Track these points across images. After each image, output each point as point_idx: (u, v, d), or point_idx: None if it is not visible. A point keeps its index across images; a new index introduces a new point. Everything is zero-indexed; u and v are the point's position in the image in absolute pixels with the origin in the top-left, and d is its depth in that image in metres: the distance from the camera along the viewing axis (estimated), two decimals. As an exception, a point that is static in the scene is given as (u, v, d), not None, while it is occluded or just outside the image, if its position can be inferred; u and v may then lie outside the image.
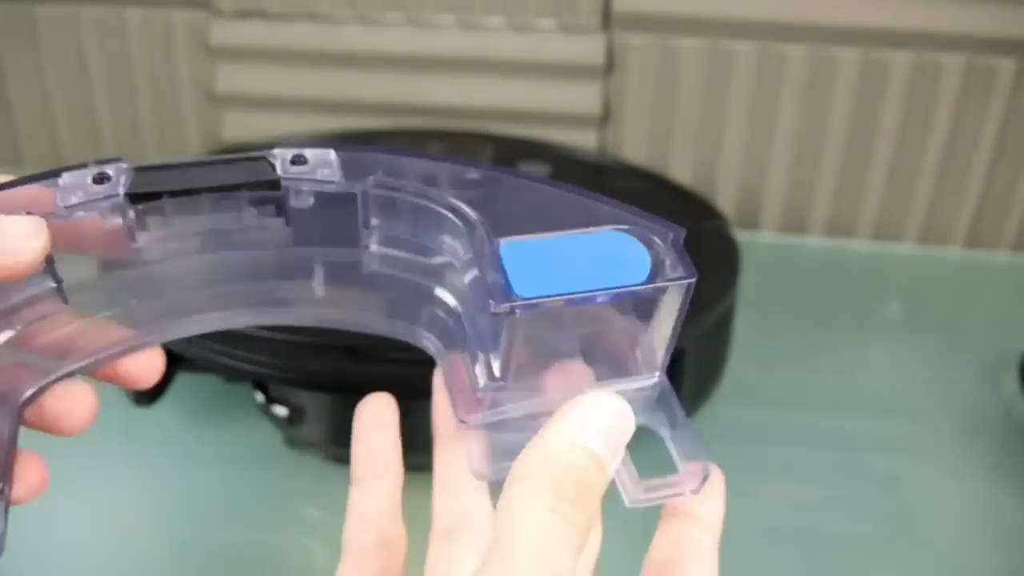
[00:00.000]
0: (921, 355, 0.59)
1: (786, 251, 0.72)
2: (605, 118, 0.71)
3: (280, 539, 0.45)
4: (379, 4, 0.70)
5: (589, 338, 0.24)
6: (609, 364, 0.24)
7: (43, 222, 0.22)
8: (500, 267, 0.22)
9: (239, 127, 0.74)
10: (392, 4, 0.69)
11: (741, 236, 0.55)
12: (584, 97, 0.70)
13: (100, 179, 0.23)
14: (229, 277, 0.26)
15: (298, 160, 0.24)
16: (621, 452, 0.22)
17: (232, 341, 0.43)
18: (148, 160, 0.24)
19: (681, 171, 0.72)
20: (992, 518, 0.47)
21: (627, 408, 0.22)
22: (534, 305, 0.21)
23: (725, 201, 0.73)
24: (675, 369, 0.47)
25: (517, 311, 0.21)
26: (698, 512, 0.24)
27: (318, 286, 0.26)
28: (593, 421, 0.22)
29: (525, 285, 0.21)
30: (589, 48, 0.69)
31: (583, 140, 0.71)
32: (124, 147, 0.78)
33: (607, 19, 0.68)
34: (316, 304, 0.26)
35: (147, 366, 0.26)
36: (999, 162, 0.69)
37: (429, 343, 0.26)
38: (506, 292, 0.21)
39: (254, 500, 0.47)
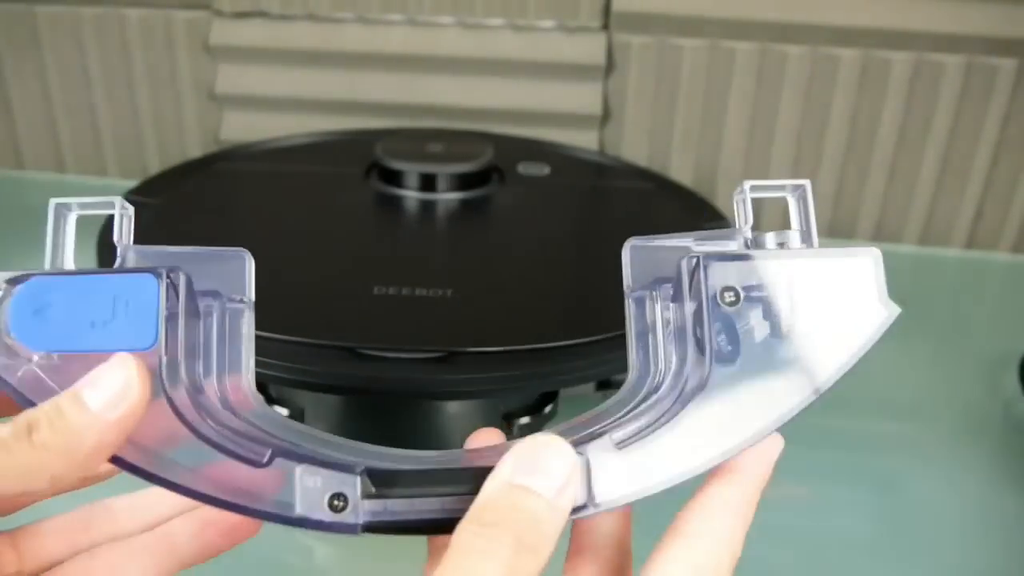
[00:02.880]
0: (921, 355, 0.59)
1: (786, 251, 0.72)
2: (605, 118, 0.71)
3: (280, 539, 0.45)
4: (379, 4, 0.70)
5: None
6: None
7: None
8: None
9: (239, 127, 0.74)
10: (392, 4, 0.69)
11: (741, 236, 0.55)
12: (584, 97, 0.70)
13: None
14: None
15: None
16: None
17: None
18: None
19: (681, 171, 0.72)
20: (992, 518, 0.47)
21: None
22: None
23: (725, 201, 0.73)
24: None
25: None
26: (743, 466, 0.25)
27: None
28: None
29: None
30: (589, 48, 0.69)
31: (583, 140, 0.71)
32: (124, 147, 0.78)
33: (607, 19, 0.68)
34: None
35: None
36: (999, 162, 0.69)
37: None
38: None
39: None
